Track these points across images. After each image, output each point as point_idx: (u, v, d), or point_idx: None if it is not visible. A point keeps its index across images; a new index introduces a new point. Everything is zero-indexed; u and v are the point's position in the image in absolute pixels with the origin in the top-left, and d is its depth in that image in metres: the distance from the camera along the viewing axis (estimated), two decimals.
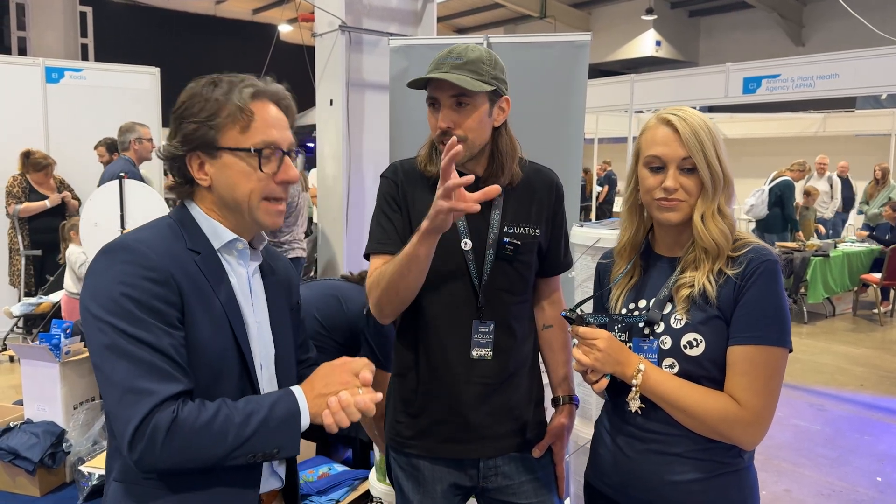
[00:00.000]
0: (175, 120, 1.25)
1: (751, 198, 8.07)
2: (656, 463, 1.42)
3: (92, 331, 1.13)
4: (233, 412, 1.13)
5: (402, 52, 4.57)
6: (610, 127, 13.48)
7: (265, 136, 1.24)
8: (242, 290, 1.30)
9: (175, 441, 1.08)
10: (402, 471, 1.75)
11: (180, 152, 1.24)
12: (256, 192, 1.24)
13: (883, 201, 8.75)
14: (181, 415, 1.09)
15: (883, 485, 3.71)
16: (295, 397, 1.18)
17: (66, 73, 6.45)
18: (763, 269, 1.35)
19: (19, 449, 3.33)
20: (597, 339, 1.37)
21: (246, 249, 1.32)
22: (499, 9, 17.40)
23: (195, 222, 1.27)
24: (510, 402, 1.73)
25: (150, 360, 1.10)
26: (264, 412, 1.14)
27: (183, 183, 1.28)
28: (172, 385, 1.11)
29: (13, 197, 5.67)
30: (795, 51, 14.89)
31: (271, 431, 1.14)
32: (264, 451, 1.14)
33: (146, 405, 1.08)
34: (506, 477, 1.73)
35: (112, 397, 1.10)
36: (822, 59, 7.56)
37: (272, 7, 17.04)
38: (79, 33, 10.14)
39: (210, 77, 1.25)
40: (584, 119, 4.16)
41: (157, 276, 1.14)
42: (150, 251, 1.17)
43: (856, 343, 6.77)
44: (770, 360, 1.34)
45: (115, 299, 1.12)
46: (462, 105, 1.62)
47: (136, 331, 1.11)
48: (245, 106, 1.22)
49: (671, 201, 1.40)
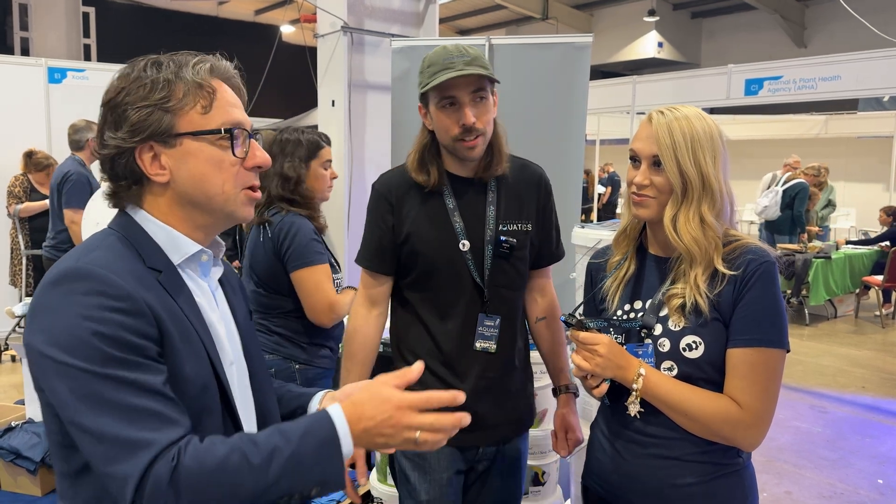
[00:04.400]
0: (113, 109, 1.04)
1: (763, 198, 8.02)
2: (656, 467, 1.41)
3: (57, 380, 0.92)
4: (250, 450, 0.91)
5: (404, 54, 4.58)
6: (611, 128, 13.48)
7: (229, 117, 1.07)
8: (211, 308, 1.12)
9: (182, 494, 0.88)
10: (409, 461, 1.78)
11: (128, 145, 1.03)
12: (230, 183, 1.07)
13: (824, 203, 8.64)
14: (184, 460, 0.89)
15: (884, 487, 3.70)
16: (332, 423, 0.95)
17: (68, 74, 6.46)
18: (762, 272, 1.35)
19: (21, 448, 3.34)
20: (598, 345, 1.37)
21: (209, 261, 1.13)
22: (501, 10, 17.40)
23: (146, 234, 1.06)
24: (510, 392, 1.81)
25: (139, 405, 0.91)
26: (293, 446, 0.92)
27: (129, 185, 1.06)
28: (170, 430, 0.91)
29: (14, 197, 5.67)
30: (797, 52, 14.87)
31: (305, 469, 0.92)
32: (301, 492, 0.93)
33: (144, 458, 0.88)
34: (496, 461, 1.84)
35: (98, 455, 0.90)
36: (824, 61, 7.55)
37: (274, 8, 17.05)
38: (81, 34, 10.16)
39: (148, 57, 1.07)
40: (585, 120, 4.16)
41: (128, 307, 0.94)
42: (113, 275, 0.95)
43: (857, 345, 6.76)
44: (769, 362, 1.34)
45: (82, 339, 0.91)
46: (481, 100, 1.68)
47: (115, 372, 0.91)
48: (205, 82, 1.05)
49: (640, 197, 1.41)
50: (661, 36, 16.67)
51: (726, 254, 1.39)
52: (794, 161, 8.31)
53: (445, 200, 1.75)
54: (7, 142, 6.01)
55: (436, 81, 1.63)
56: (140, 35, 14.59)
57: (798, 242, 7.74)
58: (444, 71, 1.63)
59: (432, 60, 1.68)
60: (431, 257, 1.74)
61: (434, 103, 1.69)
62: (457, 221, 1.73)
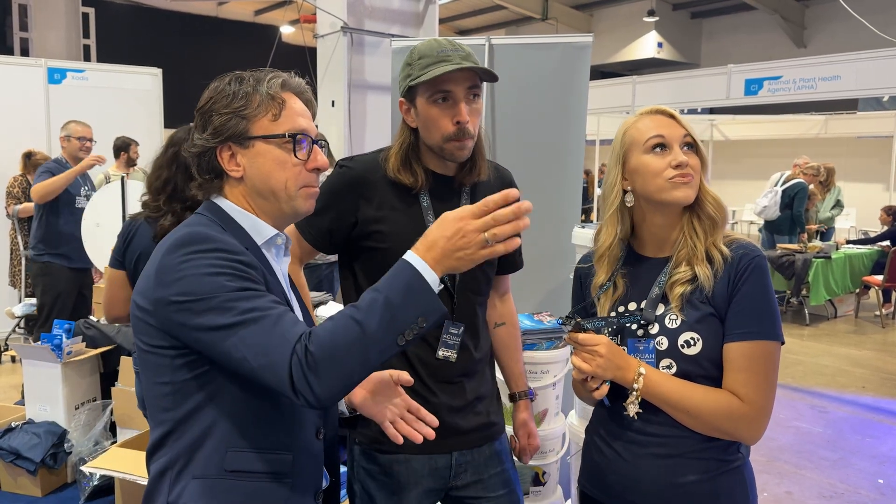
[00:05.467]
0: (202, 115, 1.24)
1: (763, 199, 8.00)
2: (657, 466, 1.41)
3: (196, 318, 1.08)
4: (352, 311, 1.06)
5: (403, 54, 4.55)
6: (611, 129, 13.41)
7: (295, 124, 1.24)
8: (287, 287, 1.30)
9: (319, 360, 1.03)
10: (374, 480, 1.68)
11: (211, 145, 1.23)
12: (292, 181, 1.24)
13: (831, 204, 8.64)
14: (311, 340, 1.05)
15: (884, 487, 3.70)
16: (407, 262, 1.08)
17: (68, 74, 6.46)
18: (754, 266, 1.36)
19: (21, 449, 3.34)
20: (597, 346, 1.37)
21: (283, 245, 1.32)
22: (500, 10, 17.41)
23: (232, 218, 1.25)
24: (476, 397, 1.74)
25: (273, 310, 1.08)
26: (383, 294, 1.05)
27: (212, 178, 1.26)
28: (300, 325, 1.09)
29: (13, 197, 5.67)
30: (797, 53, 14.88)
31: (401, 308, 1.04)
32: (409, 328, 1.05)
33: (288, 347, 1.04)
34: (475, 471, 1.73)
35: (251, 354, 1.06)
36: (823, 61, 7.56)
37: (274, 8, 17.05)
38: (81, 34, 10.16)
39: (234, 73, 1.26)
40: (585, 120, 4.15)
41: (245, 259, 1.13)
42: (225, 239, 1.15)
43: (857, 345, 6.76)
44: (767, 354, 1.35)
45: (214, 283, 1.08)
46: (474, 97, 1.60)
47: (248, 293, 1.09)
48: (276, 94, 1.23)
49: (686, 175, 1.39)
50: (660, 36, 16.68)
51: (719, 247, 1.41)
52: (803, 162, 8.29)
53: (421, 200, 1.67)
54: (6, 142, 6.01)
55: (431, 73, 1.53)
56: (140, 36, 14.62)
57: (798, 242, 7.74)
58: (441, 63, 1.53)
59: (423, 52, 1.57)
60: (400, 256, 1.66)
61: (425, 98, 1.57)
62: (430, 221, 1.63)
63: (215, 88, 1.25)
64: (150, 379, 1.19)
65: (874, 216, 9.26)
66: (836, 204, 8.62)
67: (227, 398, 1.17)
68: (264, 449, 1.20)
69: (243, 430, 1.18)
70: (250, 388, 1.16)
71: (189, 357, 1.14)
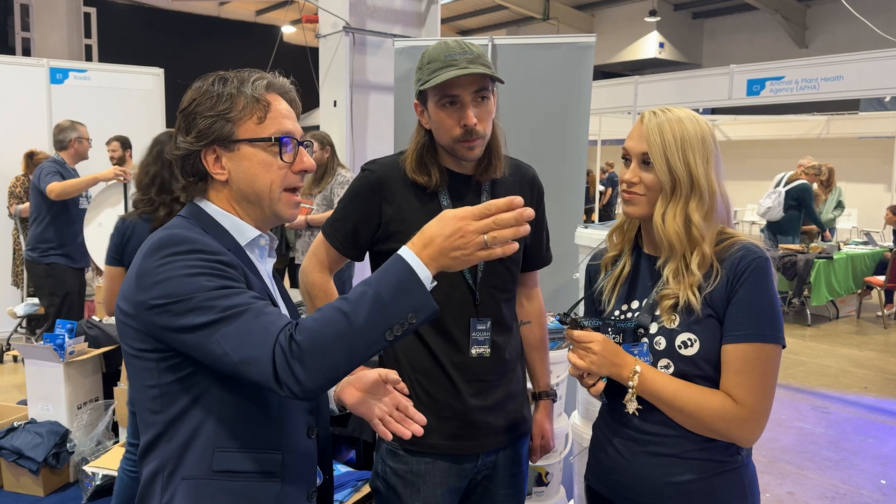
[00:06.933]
0: (186, 117, 1.23)
1: (766, 199, 7.98)
2: (655, 465, 1.42)
3: (178, 319, 1.08)
4: (341, 303, 1.04)
5: (406, 54, 4.57)
6: (613, 129, 13.50)
7: (280, 126, 1.23)
8: (272, 286, 1.30)
9: (304, 350, 1.02)
10: (400, 478, 1.70)
11: (196, 148, 1.21)
12: (277, 183, 1.23)
13: (833, 205, 8.62)
14: (296, 329, 1.04)
15: (887, 487, 3.70)
16: (400, 257, 1.06)
17: (70, 74, 6.46)
18: (754, 267, 1.35)
19: (23, 449, 3.34)
20: (592, 343, 1.38)
21: (266, 246, 1.31)
22: (502, 10, 17.42)
23: (215, 220, 1.24)
24: (506, 397, 1.75)
25: (254, 305, 1.08)
26: (373, 288, 1.04)
27: (196, 181, 1.25)
28: (283, 317, 1.08)
29: (15, 197, 5.68)
30: (799, 53, 14.88)
31: (390, 303, 1.03)
32: (397, 323, 1.03)
33: (270, 339, 1.03)
34: (496, 469, 1.76)
35: (232, 348, 1.05)
36: (826, 62, 7.56)
37: (276, 8, 17.06)
38: (83, 34, 10.16)
39: (217, 73, 1.25)
40: (588, 120, 4.15)
41: (224, 259, 1.13)
42: (204, 240, 1.15)
43: (859, 345, 6.75)
44: (765, 357, 1.34)
45: (195, 283, 1.08)
46: (483, 100, 1.62)
47: (228, 290, 1.08)
48: (261, 96, 1.22)
49: (630, 194, 1.43)
50: (662, 36, 16.69)
51: (718, 251, 1.40)
52: (808, 162, 8.28)
53: (441, 199, 1.70)
54: (9, 142, 6.02)
55: (437, 80, 1.56)
56: (141, 35, 14.64)
57: (821, 242, 7.63)
58: (447, 69, 1.56)
59: (433, 56, 1.60)
60: None
61: (434, 102, 1.61)
62: None
63: (198, 89, 1.24)
64: (137, 383, 1.19)
65: (875, 217, 9.27)
66: (837, 205, 8.61)
67: (213, 399, 1.16)
68: (253, 449, 1.19)
69: (230, 431, 1.18)
70: (236, 389, 1.16)
71: (173, 360, 1.14)
